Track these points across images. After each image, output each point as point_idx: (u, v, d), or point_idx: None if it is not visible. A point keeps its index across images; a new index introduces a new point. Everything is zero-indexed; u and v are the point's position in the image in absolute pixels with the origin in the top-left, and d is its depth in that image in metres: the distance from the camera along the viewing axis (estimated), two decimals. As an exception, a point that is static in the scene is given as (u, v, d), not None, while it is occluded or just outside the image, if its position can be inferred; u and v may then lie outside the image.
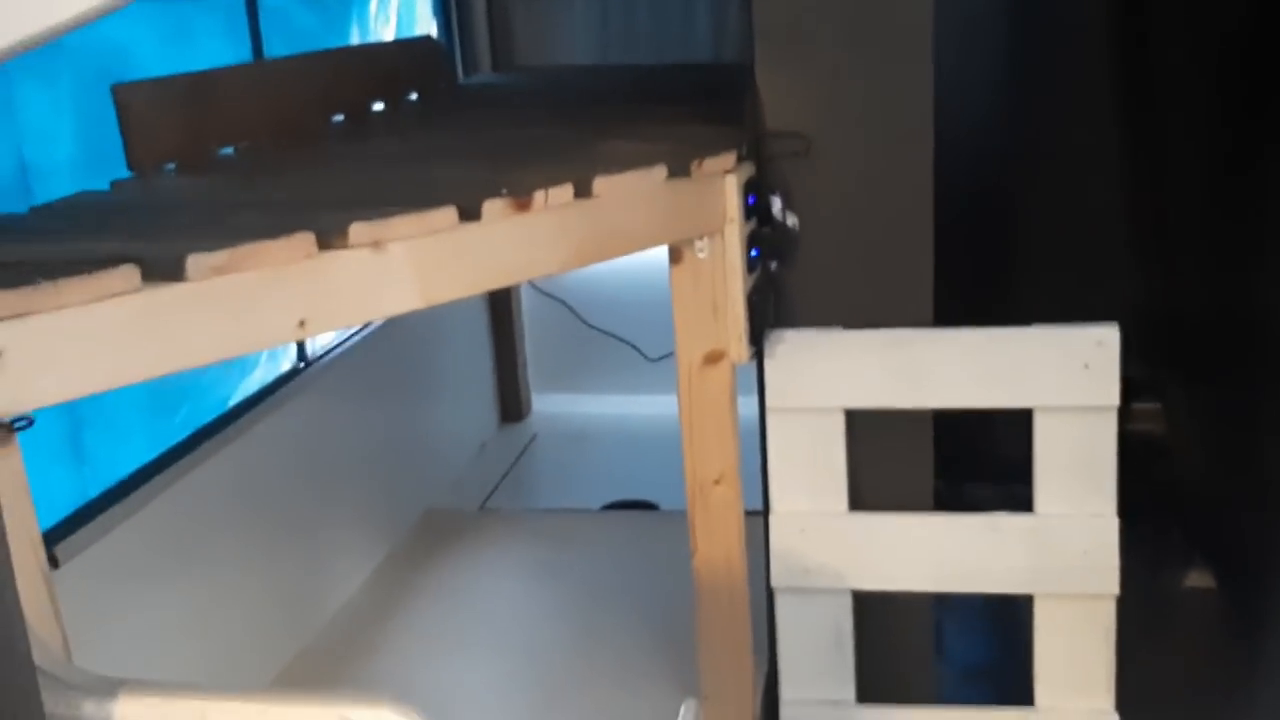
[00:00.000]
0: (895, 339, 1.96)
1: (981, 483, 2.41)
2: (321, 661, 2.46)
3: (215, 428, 2.31)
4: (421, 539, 3.00)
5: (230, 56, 2.48)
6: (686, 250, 1.85)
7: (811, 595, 2.05)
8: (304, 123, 2.25)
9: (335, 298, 1.36)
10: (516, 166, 1.75)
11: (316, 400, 2.60)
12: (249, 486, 2.33)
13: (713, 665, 2.07)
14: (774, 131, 1.91)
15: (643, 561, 2.76)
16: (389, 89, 2.61)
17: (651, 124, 2.22)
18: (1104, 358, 1.90)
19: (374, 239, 1.37)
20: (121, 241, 1.35)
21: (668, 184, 1.73)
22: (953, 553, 1.99)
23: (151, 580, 2.03)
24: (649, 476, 3.10)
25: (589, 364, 3.71)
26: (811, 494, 2.03)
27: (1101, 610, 1.96)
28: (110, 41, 2.16)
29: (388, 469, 2.95)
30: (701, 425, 1.96)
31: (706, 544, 2.01)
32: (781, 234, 1.94)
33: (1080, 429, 1.93)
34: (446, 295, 1.47)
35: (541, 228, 1.57)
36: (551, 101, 2.82)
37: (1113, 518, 1.94)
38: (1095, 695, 1.99)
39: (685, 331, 1.91)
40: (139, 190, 1.76)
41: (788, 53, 1.90)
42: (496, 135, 2.22)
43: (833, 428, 2.00)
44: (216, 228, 1.39)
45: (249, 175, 1.90)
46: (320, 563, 2.63)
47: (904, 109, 1.91)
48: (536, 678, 2.40)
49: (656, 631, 2.47)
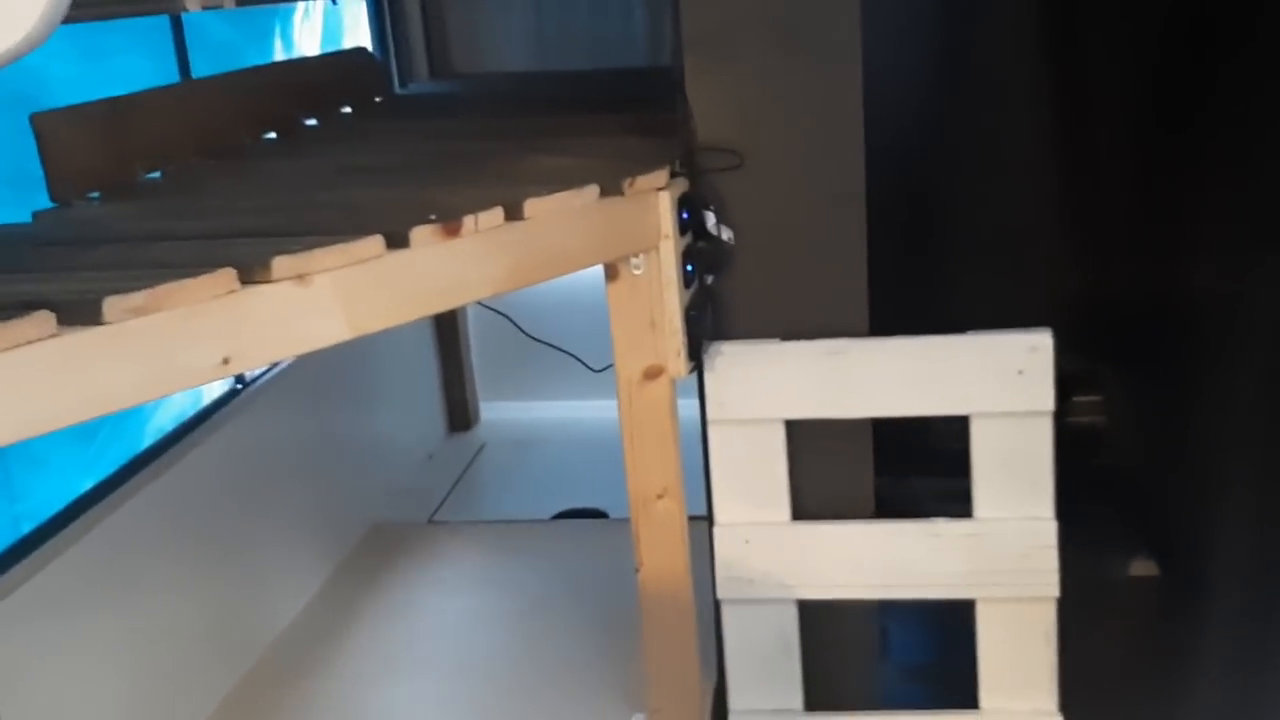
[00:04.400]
0: (831, 349, 1.97)
1: (924, 477, 2.42)
2: (268, 683, 2.43)
3: (151, 455, 2.27)
4: (369, 553, 2.97)
5: (155, 78, 2.44)
6: (622, 267, 1.85)
7: (757, 605, 2.06)
8: (233, 141, 2.22)
9: (260, 333, 1.34)
10: (446, 186, 1.74)
11: (256, 419, 2.57)
12: (187, 512, 2.29)
13: (660, 678, 2.07)
14: (706, 146, 1.91)
15: (592, 571, 2.76)
16: (321, 103, 2.58)
17: (585, 136, 2.22)
18: (1038, 363, 1.92)
19: (298, 272, 1.35)
20: (37, 282, 1.32)
21: (600, 203, 1.72)
22: (894, 559, 2.01)
23: (89, 614, 1.99)
24: (599, 483, 3.10)
25: (535, 374, 3.69)
26: (754, 505, 2.04)
27: (1042, 612, 1.99)
28: (24, 65, 2.11)
29: (332, 484, 2.92)
30: (643, 440, 1.96)
31: (651, 558, 2.01)
32: (716, 248, 1.94)
33: (1016, 434, 1.94)
34: (375, 325, 1.45)
35: (471, 252, 1.55)
36: (486, 111, 2.80)
37: (1050, 521, 1.96)
38: (1038, 697, 2.02)
39: (624, 347, 1.91)
40: (60, 222, 1.73)
41: (716, 63, 1.90)
42: (427, 150, 2.20)
43: (773, 438, 2.01)
44: (136, 263, 1.36)
45: (174, 202, 1.86)
46: (264, 584, 2.60)
47: (834, 117, 1.92)
48: (487, 693, 2.39)
49: (606, 643, 2.47)
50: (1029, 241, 2.87)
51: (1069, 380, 2.08)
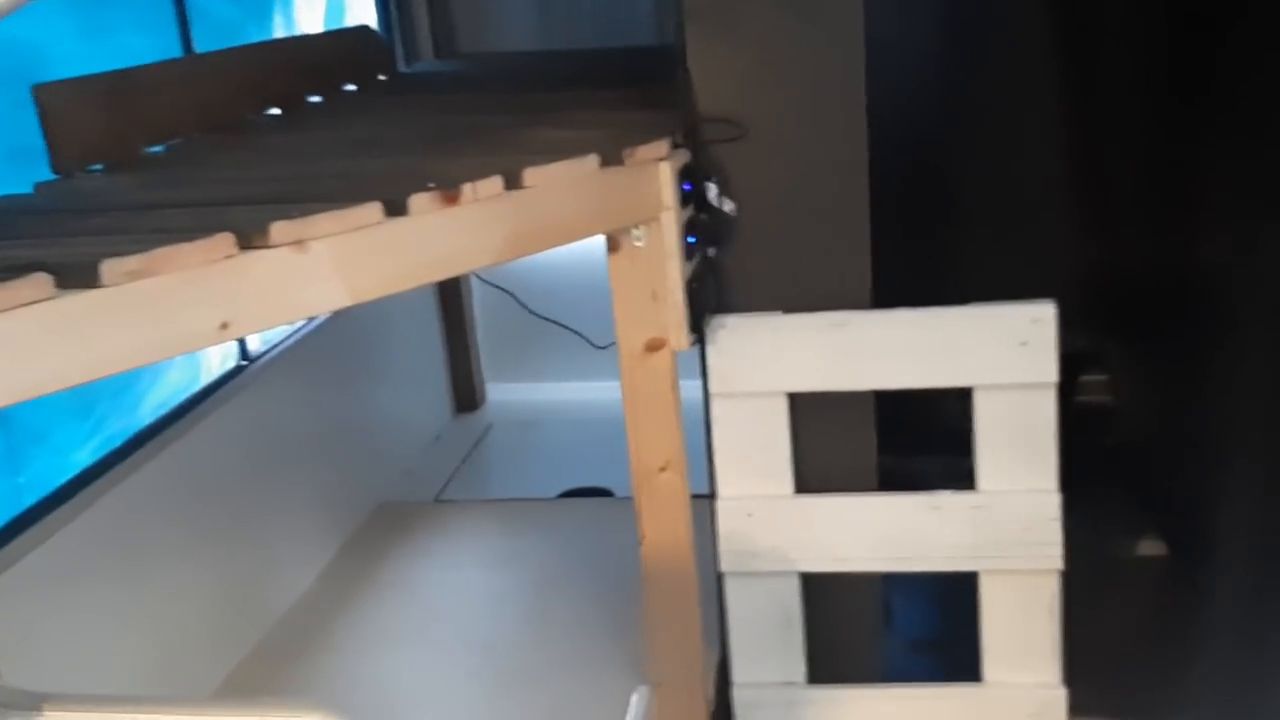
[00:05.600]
0: (835, 321, 1.96)
1: (928, 455, 2.42)
2: (274, 659, 2.44)
3: (157, 428, 2.28)
4: (375, 531, 2.98)
5: (156, 53, 2.44)
6: (623, 239, 1.84)
7: (760, 578, 2.06)
8: (235, 117, 2.22)
9: (258, 299, 1.34)
10: (447, 157, 1.74)
11: (262, 396, 2.57)
12: (195, 486, 2.30)
13: (663, 652, 2.07)
14: (707, 117, 1.90)
15: (598, 549, 2.76)
16: (324, 80, 2.58)
17: (588, 110, 2.21)
18: (1041, 335, 1.91)
19: (296, 237, 1.35)
20: (36, 248, 1.33)
21: (600, 173, 1.72)
22: (897, 532, 2.00)
23: (97, 584, 2.00)
24: (604, 462, 3.09)
25: (540, 352, 3.69)
26: (757, 478, 2.04)
27: (1045, 585, 1.98)
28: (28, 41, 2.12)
29: (340, 462, 2.93)
30: (645, 413, 1.96)
31: (654, 531, 2.01)
32: (718, 219, 1.94)
33: (1019, 406, 1.94)
34: (374, 292, 1.45)
35: (470, 221, 1.55)
36: (489, 89, 2.80)
37: (1054, 493, 1.96)
38: (1042, 670, 2.02)
39: (625, 320, 1.90)
40: (62, 193, 1.73)
41: (718, 34, 1.89)
42: (430, 124, 2.20)
43: (776, 411, 2.01)
44: (135, 230, 1.36)
45: (175, 173, 1.86)
46: (272, 559, 2.61)
47: (837, 88, 1.91)
48: (492, 669, 2.40)
49: (611, 618, 2.47)
50: (1036, 216, 2.85)
51: (1076, 359, 2.07)
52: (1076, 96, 2.78)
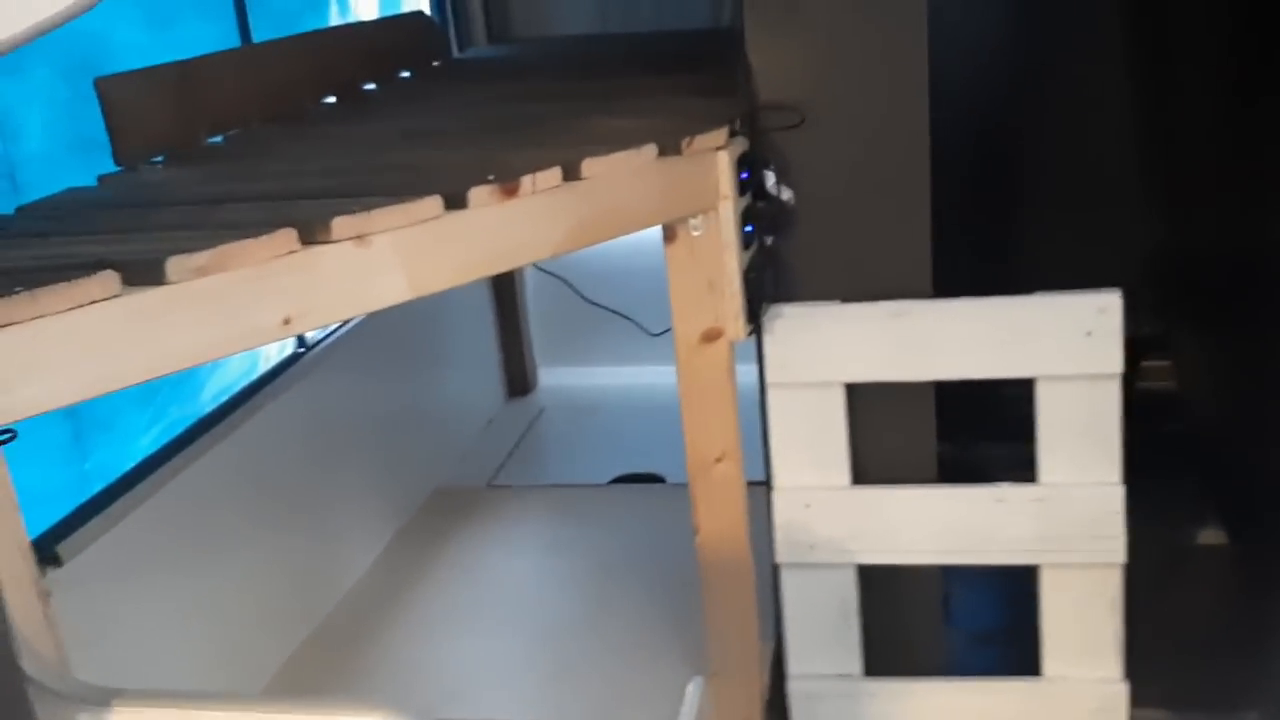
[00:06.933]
0: (894, 310, 1.94)
1: (991, 442, 2.38)
2: (333, 643, 2.47)
3: (219, 415, 2.31)
4: (431, 516, 3.01)
5: (217, 42, 2.46)
6: (681, 228, 1.83)
7: (816, 570, 2.05)
8: (294, 106, 2.23)
9: (321, 293, 1.34)
10: (505, 148, 1.73)
11: (319, 383, 2.60)
12: (255, 472, 2.33)
13: (720, 642, 2.07)
14: (766, 104, 1.88)
15: (650, 535, 2.76)
16: (381, 68, 2.58)
17: (646, 97, 2.20)
18: (1106, 325, 1.87)
19: (358, 232, 1.35)
20: (103, 243, 1.34)
21: (658, 163, 1.70)
22: (957, 524, 1.98)
23: (161, 570, 2.04)
24: (656, 448, 3.10)
25: (594, 338, 3.69)
26: (814, 469, 2.02)
27: (1108, 579, 1.95)
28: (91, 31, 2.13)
29: (395, 447, 2.95)
30: (701, 403, 1.94)
31: (710, 521, 2.00)
32: (777, 208, 1.92)
33: (1083, 397, 1.90)
34: (436, 285, 1.45)
35: (530, 213, 1.54)
36: (545, 75, 2.79)
37: (1118, 485, 1.92)
38: (1103, 664, 1.99)
39: (682, 310, 1.89)
40: (125, 185, 1.75)
41: (778, 20, 1.87)
42: (486, 114, 2.19)
43: (834, 402, 1.99)
44: (200, 225, 1.37)
45: (236, 165, 1.88)
46: (330, 544, 2.64)
47: (899, 74, 1.88)
48: (547, 654, 2.41)
49: (665, 606, 2.47)
50: (1102, 201, 2.79)
51: (1138, 343, 2.03)
52: (1145, 77, 2.72)
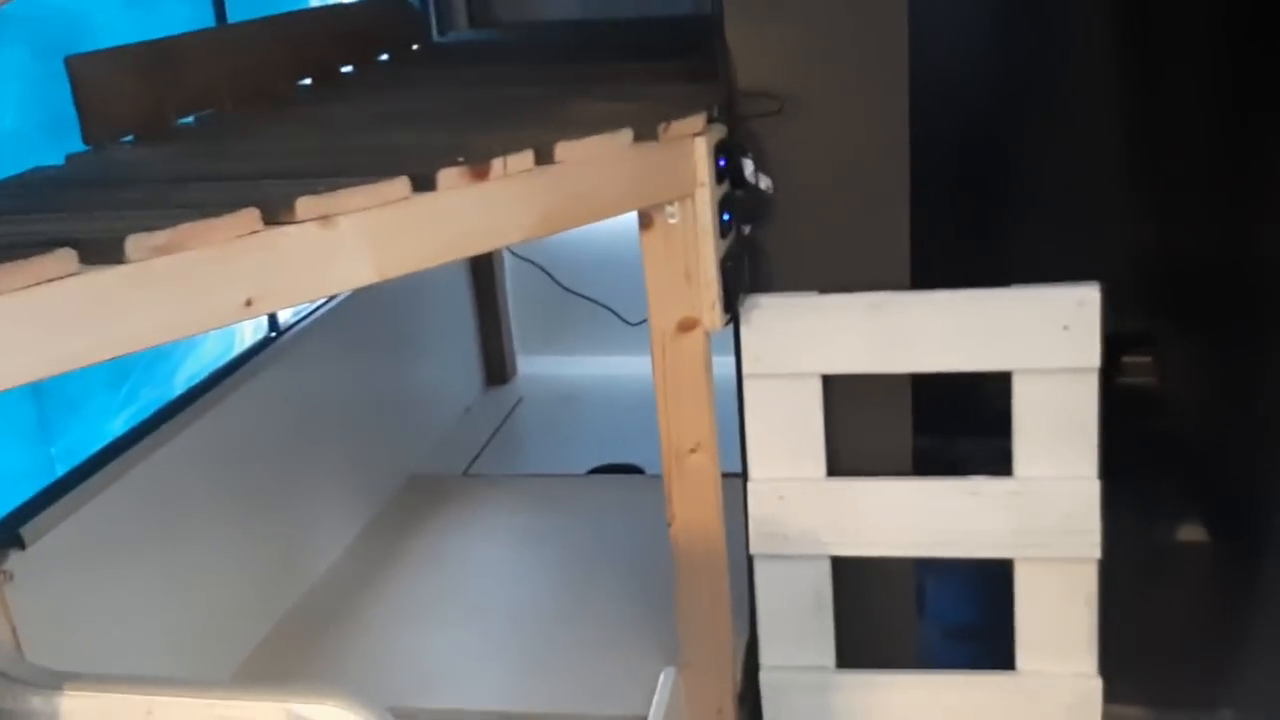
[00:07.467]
0: (872, 302, 1.92)
1: (971, 438, 2.38)
2: (304, 630, 2.45)
3: (189, 399, 2.28)
4: (405, 504, 2.98)
5: (195, 21, 2.42)
6: (657, 216, 1.81)
7: (790, 562, 2.03)
8: (268, 88, 2.19)
9: (283, 275, 1.32)
10: (478, 131, 1.71)
11: (293, 368, 2.57)
12: (225, 457, 2.30)
13: (692, 633, 2.05)
14: (745, 91, 1.86)
15: (627, 527, 2.74)
16: (359, 51, 2.55)
17: (623, 82, 2.17)
18: (1084, 318, 1.86)
19: (322, 213, 1.32)
20: (64, 221, 1.31)
21: (634, 148, 1.68)
22: (932, 518, 1.97)
23: (128, 554, 2.01)
24: (634, 439, 3.07)
25: (572, 326, 3.67)
26: (790, 460, 2.01)
27: (1083, 574, 1.94)
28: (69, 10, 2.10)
29: (369, 434, 2.92)
30: (676, 393, 1.93)
31: (684, 512, 1.98)
32: (754, 196, 1.90)
33: (1060, 391, 1.89)
34: (402, 268, 1.43)
35: (501, 196, 1.52)
36: (524, 60, 2.76)
37: (1094, 480, 1.92)
38: (1078, 659, 1.98)
39: (658, 299, 1.87)
40: (92, 164, 1.72)
41: (757, 5, 1.85)
42: (462, 97, 2.17)
43: (810, 393, 1.97)
44: (162, 204, 1.35)
45: (205, 146, 1.85)
46: (301, 531, 2.61)
47: (879, 62, 1.86)
48: (520, 645, 2.39)
49: (640, 597, 2.46)
50: (1082, 195, 2.78)
51: (1120, 339, 2.02)
52: (1131, 72, 2.71)
